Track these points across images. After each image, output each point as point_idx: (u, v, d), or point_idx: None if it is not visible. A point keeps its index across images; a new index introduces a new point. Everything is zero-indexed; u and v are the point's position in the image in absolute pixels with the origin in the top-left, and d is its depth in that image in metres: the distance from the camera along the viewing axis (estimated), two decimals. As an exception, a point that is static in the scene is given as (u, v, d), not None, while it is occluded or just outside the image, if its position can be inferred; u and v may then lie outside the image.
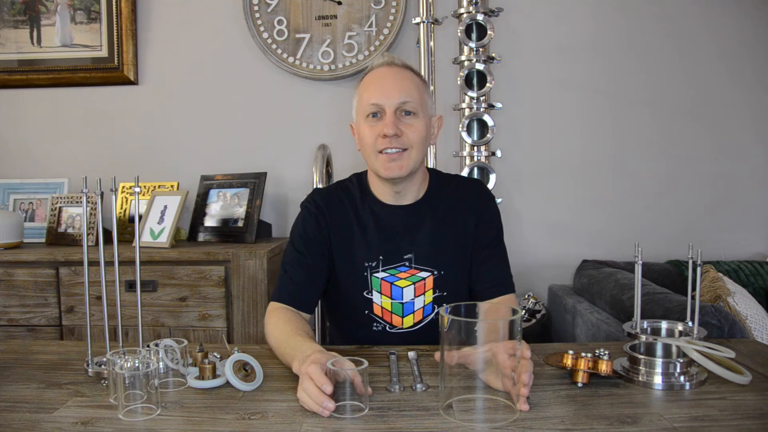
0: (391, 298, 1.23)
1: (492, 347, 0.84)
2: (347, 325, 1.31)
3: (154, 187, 2.27)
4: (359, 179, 1.31)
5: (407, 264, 1.22)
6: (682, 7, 2.32)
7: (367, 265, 1.22)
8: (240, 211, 2.18)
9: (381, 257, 1.22)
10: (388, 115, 1.16)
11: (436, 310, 1.24)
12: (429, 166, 1.40)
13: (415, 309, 1.23)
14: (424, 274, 1.23)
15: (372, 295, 1.23)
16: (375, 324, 1.24)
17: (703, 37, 2.33)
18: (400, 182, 1.21)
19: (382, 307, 1.23)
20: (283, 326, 1.10)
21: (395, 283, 1.23)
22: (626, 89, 2.35)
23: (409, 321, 1.24)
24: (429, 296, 1.23)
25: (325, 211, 1.25)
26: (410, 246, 1.23)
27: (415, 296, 1.23)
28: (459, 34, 2.06)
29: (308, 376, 0.85)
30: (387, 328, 1.24)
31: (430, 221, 1.24)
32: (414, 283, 1.23)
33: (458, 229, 1.24)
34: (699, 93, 2.35)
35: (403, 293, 1.23)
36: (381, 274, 1.22)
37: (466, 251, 1.25)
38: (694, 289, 1.07)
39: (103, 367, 0.99)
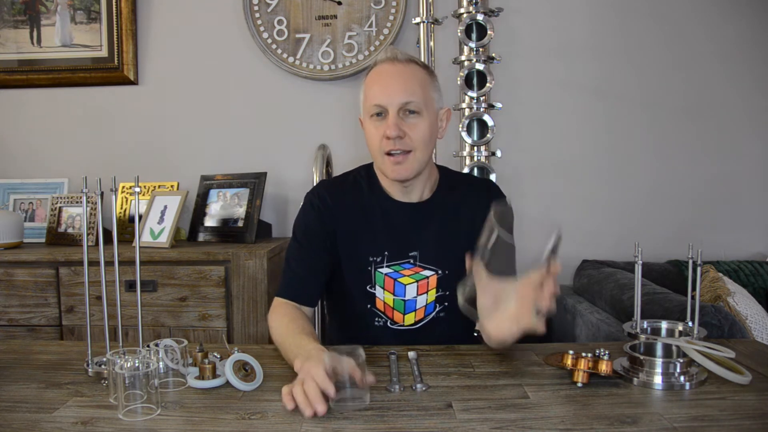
0: (394, 294, 1.22)
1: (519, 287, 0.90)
2: (349, 320, 1.30)
3: (154, 187, 2.27)
4: (368, 172, 1.29)
5: (412, 261, 1.22)
6: (681, 8, 2.32)
7: (371, 259, 1.22)
8: (240, 211, 2.18)
9: (386, 253, 1.22)
10: (391, 116, 1.15)
11: (437, 309, 1.23)
12: (437, 164, 1.39)
13: (417, 307, 1.23)
14: (428, 273, 1.22)
15: (375, 290, 1.23)
16: (377, 319, 1.24)
17: (702, 37, 2.33)
18: (411, 178, 1.21)
19: (384, 302, 1.23)
20: (288, 324, 1.10)
21: (398, 279, 1.22)
22: (626, 89, 2.35)
23: (410, 318, 1.24)
24: (432, 295, 1.23)
25: (330, 204, 1.25)
26: (416, 243, 1.22)
27: (417, 294, 1.22)
28: (459, 34, 2.06)
29: (311, 377, 0.85)
30: (388, 324, 1.24)
31: (438, 220, 1.24)
32: (417, 281, 1.22)
33: (466, 229, 1.23)
34: (698, 93, 2.35)
35: (405, 290, 1.22)
36: (385, 270, 1.22)
37: (473, 251, 1.23)
38: (694, 289, 1.07)
39: (103, 367, 0.99)
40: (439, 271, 1.22)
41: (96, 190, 1.02)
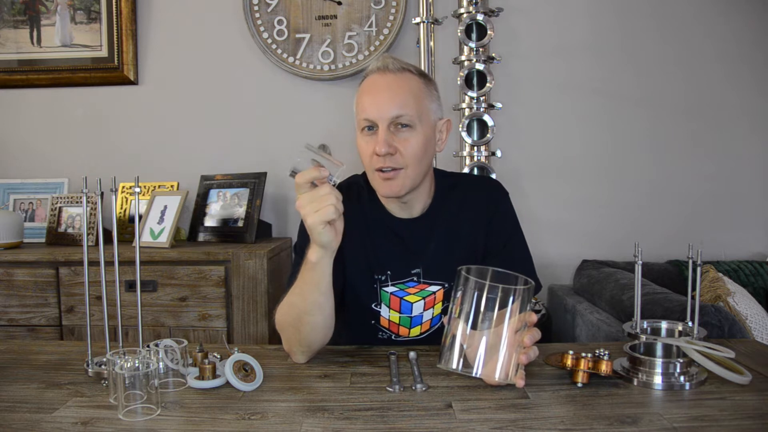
0: (400, 312, 1.19)
1: (497, 330, 0.86)
2: (349, 331, 1.26)
3: (154, 187, 2.27)
4: (367, 184, 1.21)
5: (415, 279, 1.18)
6: (680, 8, 2.33)
7: (376, 277, 1.18)
8: (240, 211, 2.18)
9: (389, 272, 1.18)
10: (381, 131, 1.08)
11: (443, 319, 1.19)
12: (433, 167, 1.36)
13: (423, 321, 1.20)
14: (434, 288, 1.18)
15: (380, 308, 1.19)
16: (381, 333, 1.22)
17: (701, 37, 2.34)
18: (403, 195, 1.15)
19: (389, 320, 1.20)
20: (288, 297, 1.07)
21: (405, 298, 1.18)
22: (626, 89, 2.35)
23: (416, 331, 1.21)
24: (438, 308, 1.19)
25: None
26: (418, 261, 1.18)
27: (424, 310, 1.19)
28: (459, 34, 2.06)
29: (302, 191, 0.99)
30: (392, 338, 1.22)
31: (438, 233, 1.19)
32: (424, 298, 1.18)
33: (468, 236, 1.19)
34: (698, 93, 2.35)
35: (412, 308, 1.19)
36: (390, 288, 1.18)
37: (478, 257, 1.18)
38: (694, 289, 1.07)
39: (103, 367, 0.99)
40: (446, 284, 1.18)
41: (96, 190, 1.02)
